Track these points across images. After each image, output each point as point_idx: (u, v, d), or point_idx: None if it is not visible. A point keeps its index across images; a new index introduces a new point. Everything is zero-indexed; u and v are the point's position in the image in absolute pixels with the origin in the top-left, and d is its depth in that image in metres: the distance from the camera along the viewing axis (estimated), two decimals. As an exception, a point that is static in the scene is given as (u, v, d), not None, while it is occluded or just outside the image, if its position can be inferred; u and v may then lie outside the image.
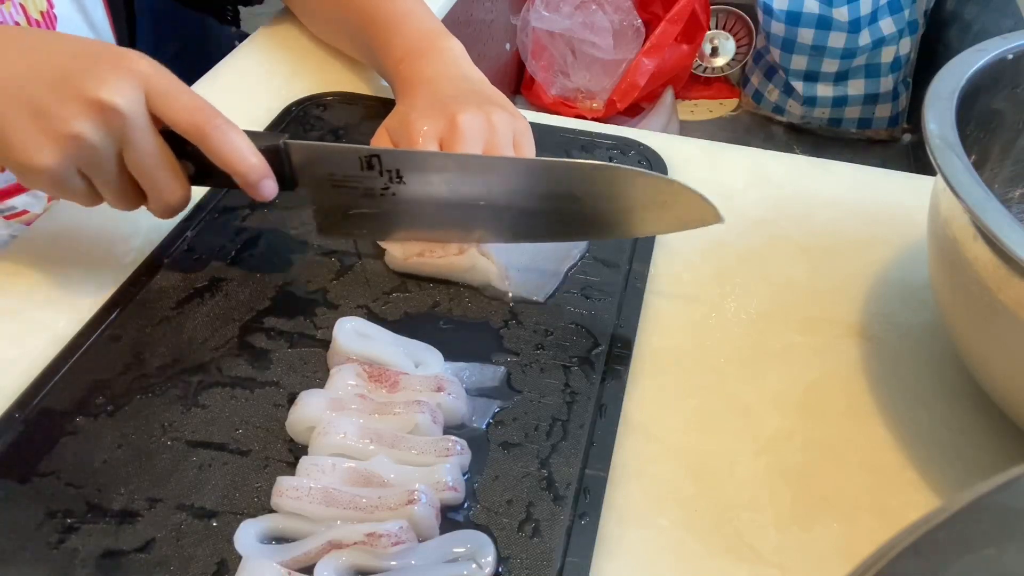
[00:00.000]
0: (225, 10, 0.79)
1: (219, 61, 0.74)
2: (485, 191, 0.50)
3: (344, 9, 0.68)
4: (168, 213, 0.49)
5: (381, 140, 0.57)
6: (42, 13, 0.62)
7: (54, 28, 0.63)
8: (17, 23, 0.60)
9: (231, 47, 0.77)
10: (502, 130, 0.53)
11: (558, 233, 0.52)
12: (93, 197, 0.48)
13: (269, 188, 0.48)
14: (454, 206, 0.51)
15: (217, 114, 0.46)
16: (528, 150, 0.55)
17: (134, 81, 0.44)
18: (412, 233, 0.52)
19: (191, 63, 0.71)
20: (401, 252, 0.52)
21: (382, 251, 0.54)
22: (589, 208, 0.50)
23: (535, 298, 0.51)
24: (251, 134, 0.48)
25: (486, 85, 0.59)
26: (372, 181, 0.50)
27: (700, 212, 0.48)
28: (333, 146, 0.50)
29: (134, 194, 0.48)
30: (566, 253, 0.54)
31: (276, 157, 0.48)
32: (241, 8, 0.81)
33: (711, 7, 1.32)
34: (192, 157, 0.47)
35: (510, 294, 0.52)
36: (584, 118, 0.75)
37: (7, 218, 0.65)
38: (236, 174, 0.47)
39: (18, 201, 0.64)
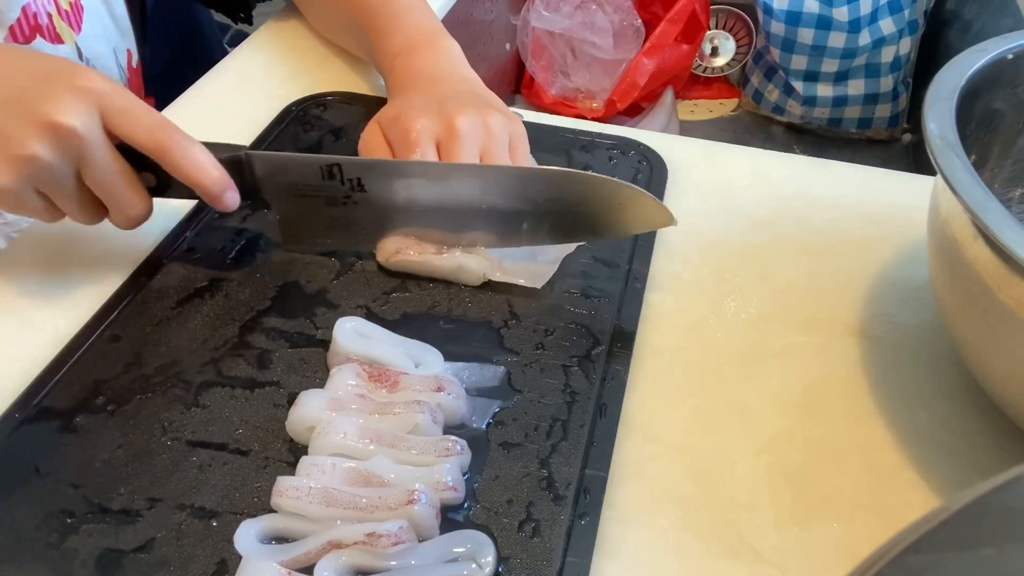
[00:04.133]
0: (237, 8, 0.80)
1: (206, 61, 0.74)
2: (448, 197, 0.50)
3: (346, 3, 0.68)
4: (130, 225, 0.50)
5: (373, 134, 0.57)
6: (71, 4, 0.63)
7: (80, 19, 0.64)
8: (49, 14, 0.61)
9: (221, 49, 0.77)
10: (499, 134, 0.53)
11: (525, 238, 0.52)
12: (53, 213, 0.48)
13: (231, 199, 0.49)
14: (416, 213, 0.51)
15: (176, 130, 0.47)
16: (523, 154, 0.55)
17: (89, 100, 0.45)
18: (376, 239, 0.53)
19: (187, 61, 0.72)
20: (382, 253, 0.52)
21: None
22: (553, 212, 0.50)
23: (533, 285, 0.51)
24: (211, 146, 0.48)
25: (481, 86, 0.59)
26: (334, 190, 0.50)
27: (653, 215, 0.49)
28: (293, 156, 0.51)
29: (95, 209, 0.48)
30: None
31: (237, 168, 0.49)
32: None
33: (711, 7, 1.32)
34: (152, 169, 0.48)
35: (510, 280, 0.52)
36: (584, 118, 0.75)
37: None
38: (198, 187, 0.48)
39: None
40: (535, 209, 0.50)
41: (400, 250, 0.52)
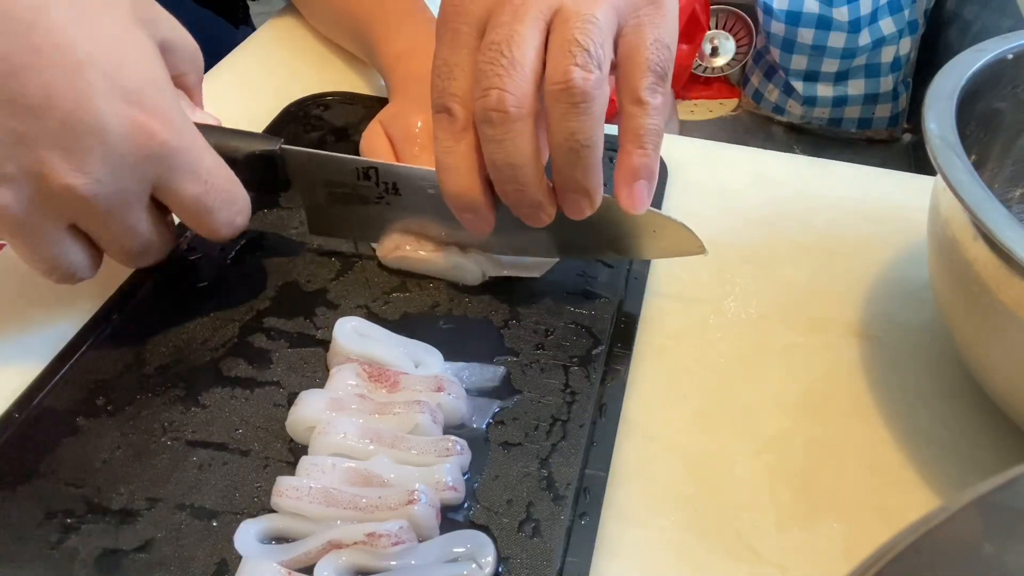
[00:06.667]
0: (236, 10, 0.79)
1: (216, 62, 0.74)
2: None
3: (347, 4, 0.68)
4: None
5: (375, 132, 0.57)
6: None
7: None
8: None
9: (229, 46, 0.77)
10: None
11: (550, 250, 0.52)
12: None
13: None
14: (446, 220, 0.50)
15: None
16: None
17: None
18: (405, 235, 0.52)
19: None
20: (381, 249, 0.52)
21: (382, 251, 0.54)
22: (580, 230, 0.49)
23: (533, 275, 0.51)
24: (247, 136, 0.48)
25: None
26: (367, 190, 0.50)
27: (686, 243, 0.49)
28: (329, 155, 0.50)
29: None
30: None
31: (271, 162, 0.49)
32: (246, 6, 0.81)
33: (711, 7, 1.32)
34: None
35: (505, 272, 0.52)
36: (584, 118, 0.75)
37: None
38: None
39: None
40: (566, 224, 0.48)
41: (400, 246, 0.52)
